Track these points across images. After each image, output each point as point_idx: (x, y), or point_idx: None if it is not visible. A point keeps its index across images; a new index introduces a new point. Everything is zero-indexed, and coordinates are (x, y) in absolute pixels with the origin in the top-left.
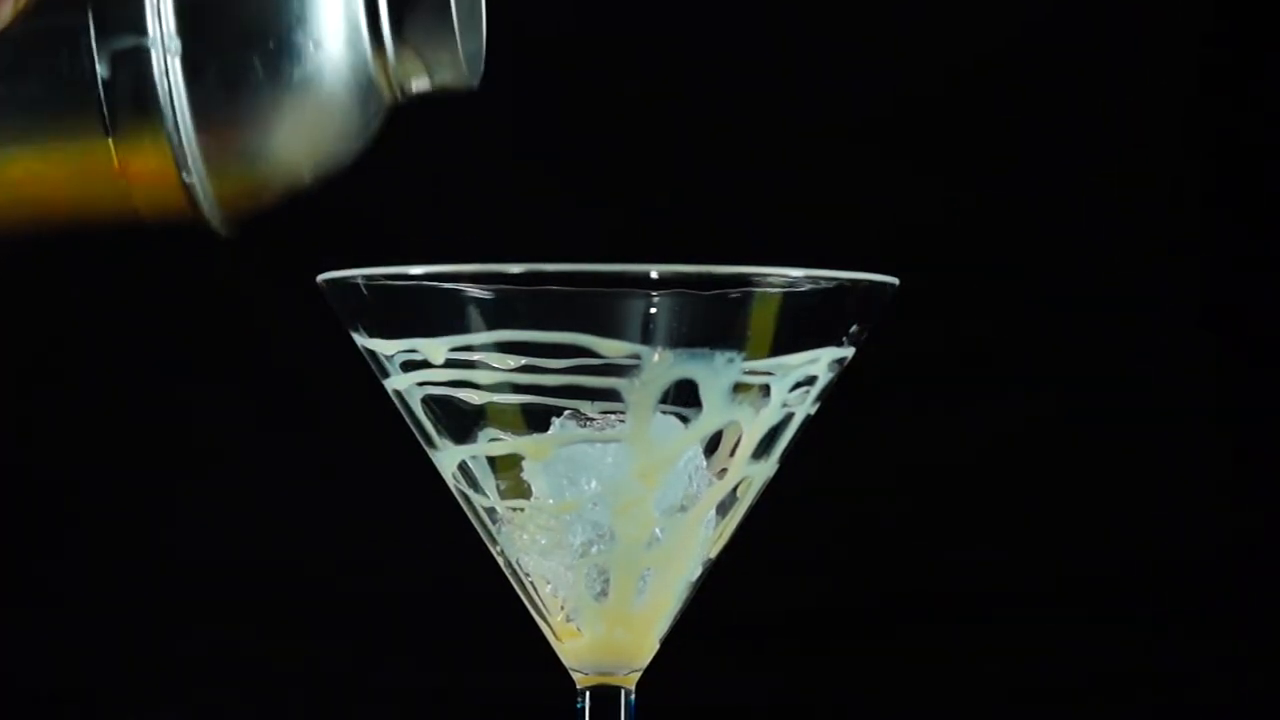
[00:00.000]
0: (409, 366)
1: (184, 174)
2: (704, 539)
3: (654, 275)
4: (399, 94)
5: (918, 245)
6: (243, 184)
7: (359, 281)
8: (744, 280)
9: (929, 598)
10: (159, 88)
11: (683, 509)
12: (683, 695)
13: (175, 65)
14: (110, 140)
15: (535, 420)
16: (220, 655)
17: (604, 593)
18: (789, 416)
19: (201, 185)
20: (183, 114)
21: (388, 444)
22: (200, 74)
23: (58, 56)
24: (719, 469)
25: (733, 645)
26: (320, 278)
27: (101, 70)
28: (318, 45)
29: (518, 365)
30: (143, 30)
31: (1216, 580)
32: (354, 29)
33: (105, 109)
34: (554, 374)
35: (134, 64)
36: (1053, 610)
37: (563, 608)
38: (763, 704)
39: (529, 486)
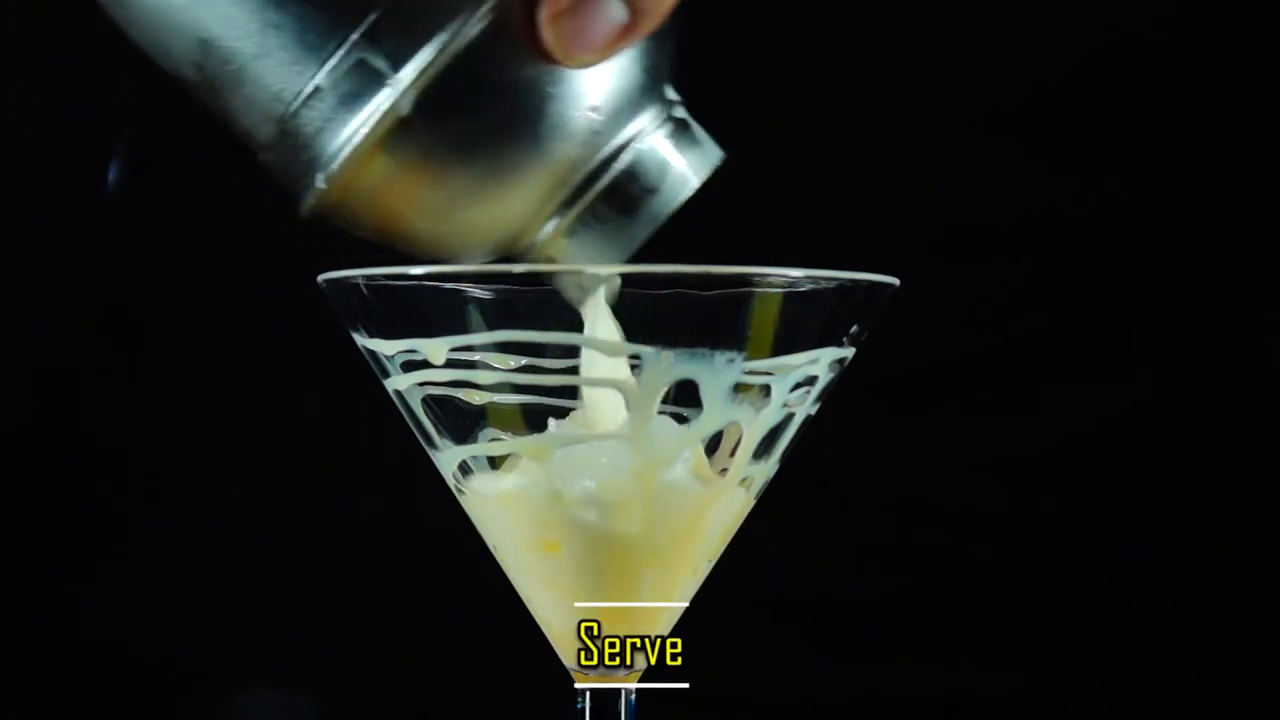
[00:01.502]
0: (409, 367)
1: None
2: (704, 539)
3: (654, 275)
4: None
5: (920, 245)
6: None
7: (359, 281)
8: (744, 280)
9: (970, 597)
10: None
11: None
12: (683, 694)
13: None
14: None
15: (535, 420)
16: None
17: (604, 593)
18: (789, 417)
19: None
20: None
21: (388, 444)
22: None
23: None
24: (719, 469)
25: (733, 644)
26: (320, 278)
27: None
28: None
29: (518, 365)
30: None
31: None
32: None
33: None
34: (554, 374)
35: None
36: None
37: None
38: (764, 704)
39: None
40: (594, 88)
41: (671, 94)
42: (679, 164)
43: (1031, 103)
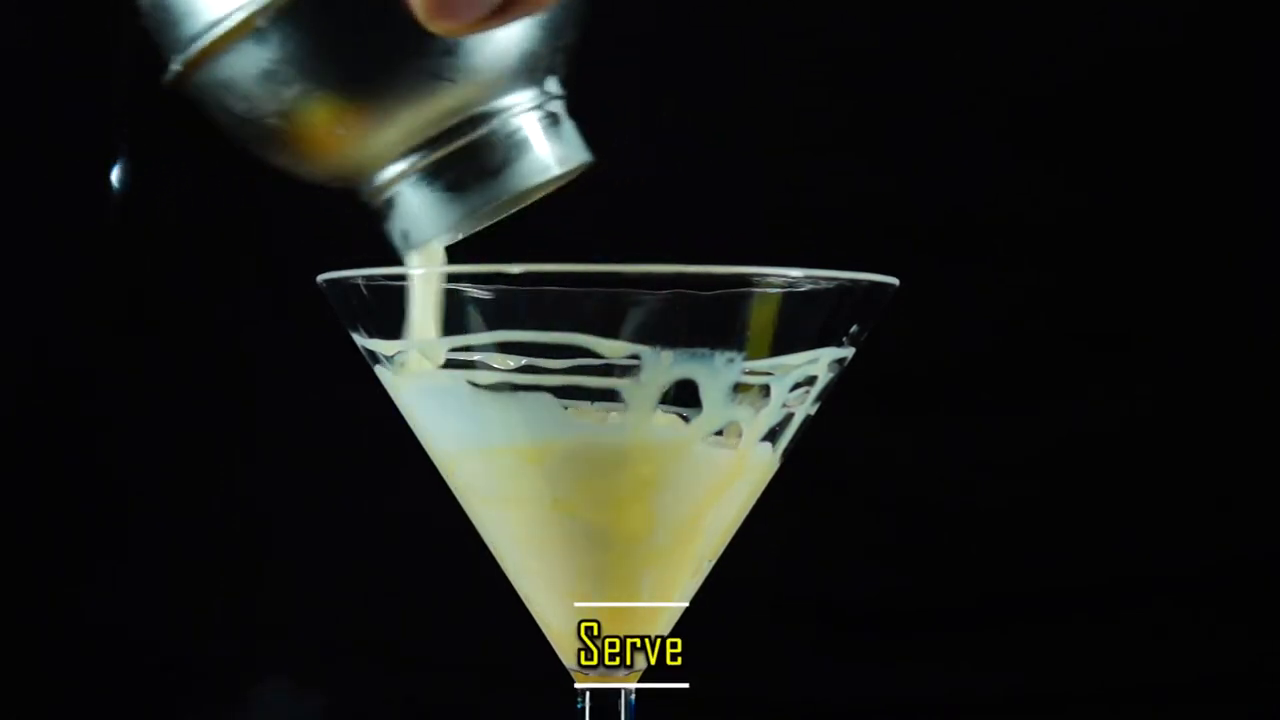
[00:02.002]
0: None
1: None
2: (704, 539)
3: (654, 275)
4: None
5: (919, 244)
6: None
7: (359, 282)
8: (744, 280)
9: (971, 597)
10: None
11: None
12: (683, 694)
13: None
14: None
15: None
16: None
17: (604, 593)
18: (789, 417)
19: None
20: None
21: (388, 444)
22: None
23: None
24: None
25: (733, 644)
26: (320, 278)
27: None
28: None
29: (518, 365)
30: None
31: None
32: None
33: None
34: (554, 374)
35: None
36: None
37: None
38: (764, 703)
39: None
40: (457, 55)
41: (553, 87)
42: (539, 151)
43: (1035, 103)
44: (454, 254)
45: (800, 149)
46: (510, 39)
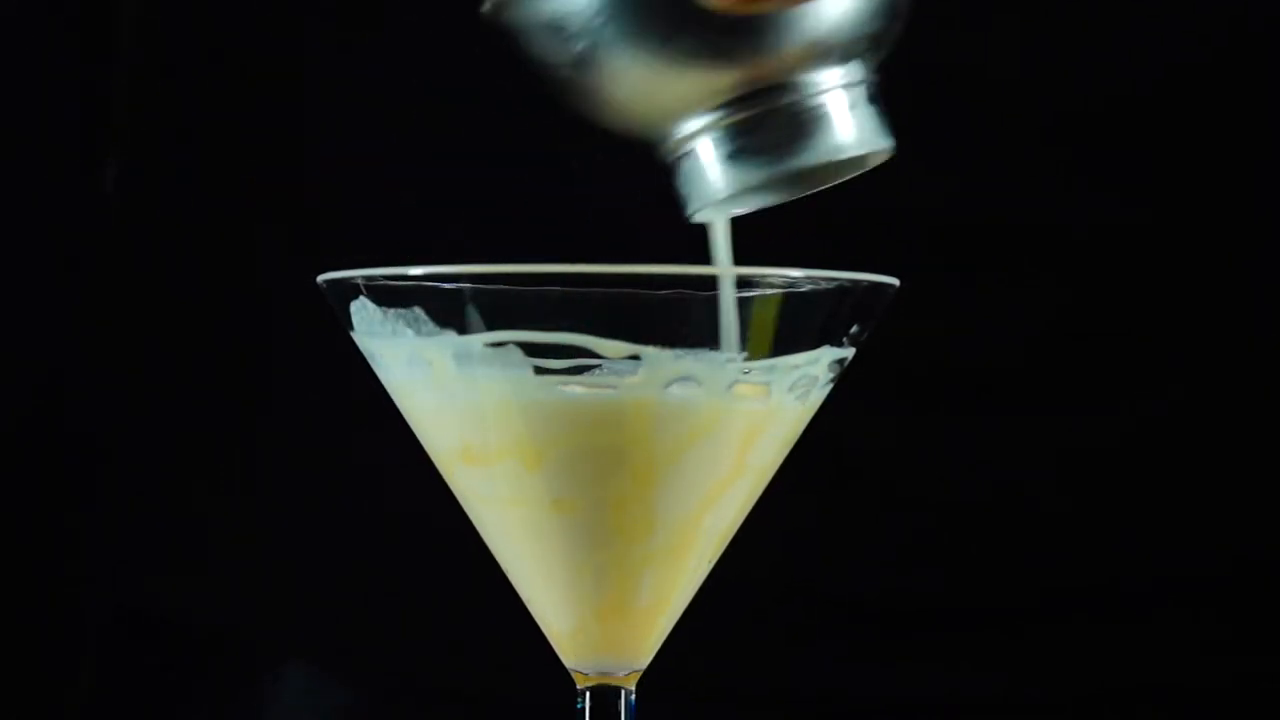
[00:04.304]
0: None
1: None
2: (705, 539)
3: (654, 275)
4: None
5: (919, 244)
6: None
7: (359, 282)
8: (744, 280)
9: (971, 597)
10: None
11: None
12: (683, 694)
13: None
14: None
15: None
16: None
17: (604, 593)
18: (789, 417)
19: None
20: None
21: (388, 444)
22: None
23: None
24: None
25: (734, 644)
26: (320, 278)
27: None
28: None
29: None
30: None
31: None
32: None
33: None
34: (555, 374)
35: None
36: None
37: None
38: (764, 703)
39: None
40: (740, 32)
41: (857, 71)
42: (834, 130)
43: (1056, 109)
44: (455, 253)
45: None
46: (803, 20)
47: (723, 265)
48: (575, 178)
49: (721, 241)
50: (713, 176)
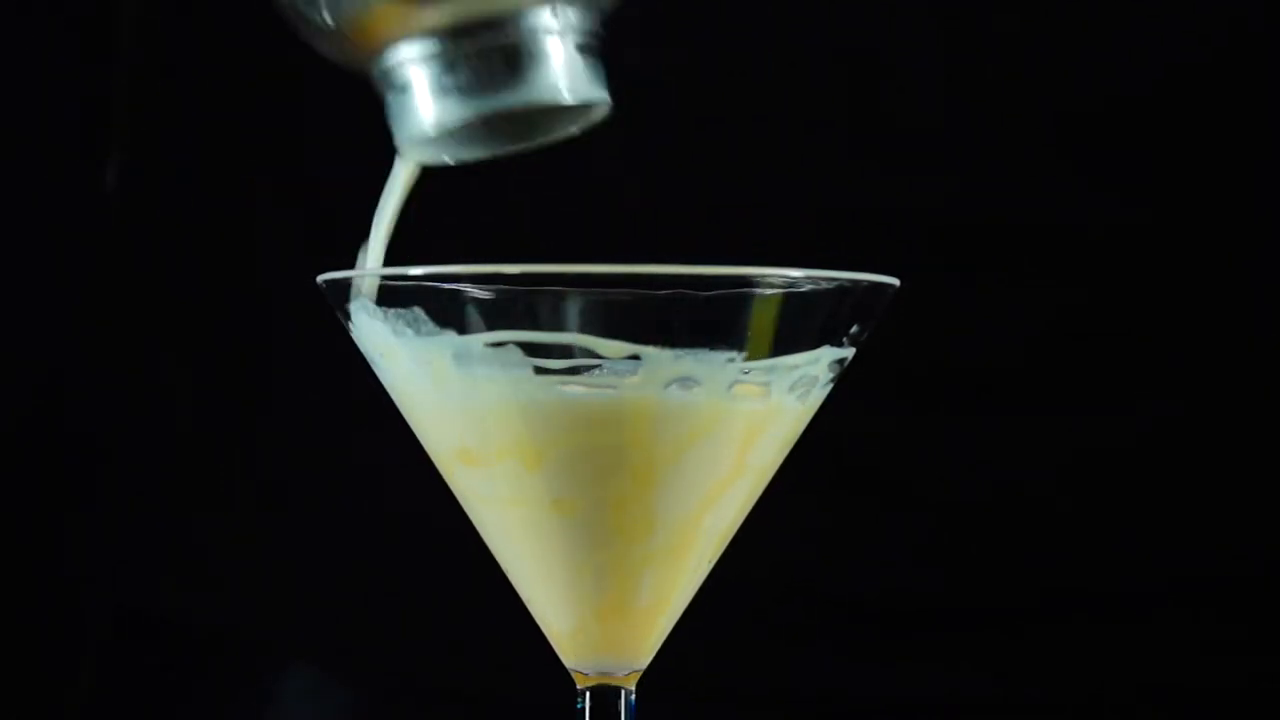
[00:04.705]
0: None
1: None
2: (705, 539)
3: (654, 275)
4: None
5: (919, 245)
6: None
7: (359, 281)
8: (744, 280)
9: (972, 597)
10: None
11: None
12: (683, 694)
13: None
14: None
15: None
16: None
17: (604, 593)
18: (789, 417)
19: None
20: None
21: (388, 444)
22: None
23: None
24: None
25: (734, 644)
26: (320, 278)
27: None
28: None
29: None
30: None
31: None
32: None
33: None
34: (555, 374)
35: None
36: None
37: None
38: (763, 704)
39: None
40: None
41: (576, 19)
42: (550, 73)
43: (1055, 111)
44: (455, 253)
45: (801, 148)
46: None
47: (389, 205)
48: (576, 177)
49: (400, 183)
50: (420, 110)
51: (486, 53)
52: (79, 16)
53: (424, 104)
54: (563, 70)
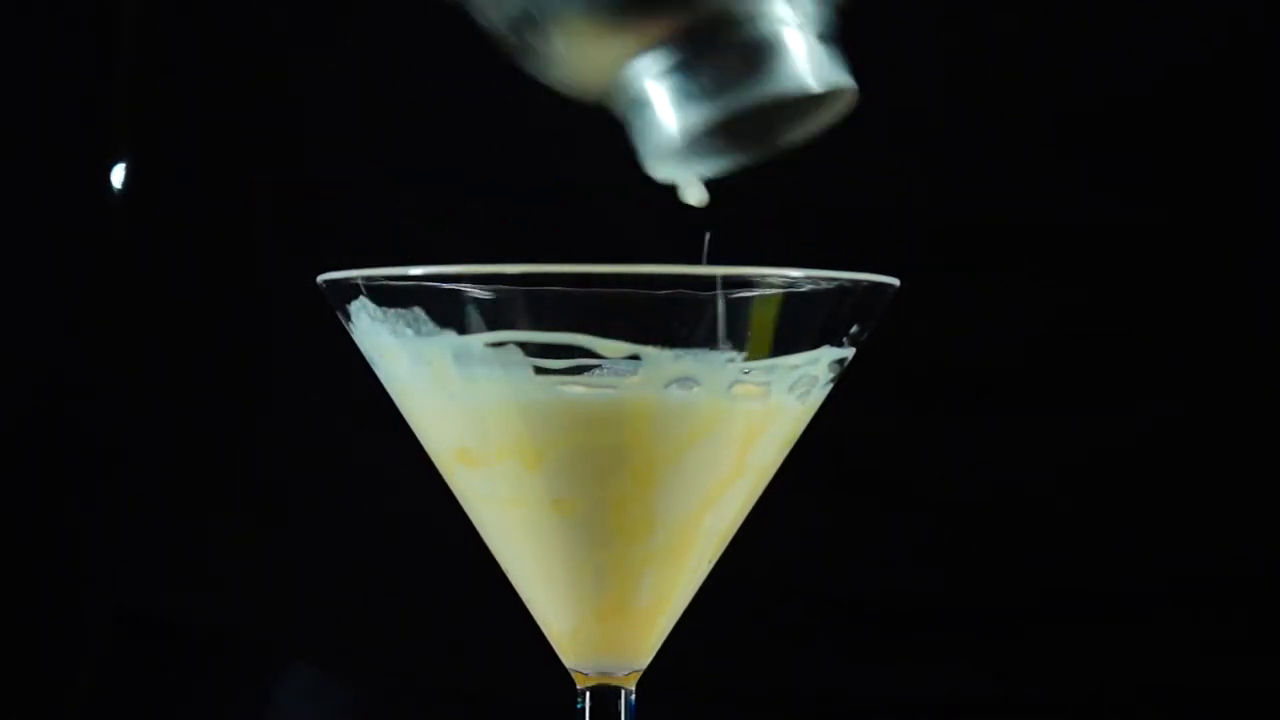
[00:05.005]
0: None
1: None
2: (705, 539)
3: (654, 275)
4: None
5: (919, 245)
6: None
7: (359, 282)
8: (744, 280)
9: (972, 598)
10: None
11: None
12: (683, 694)
13: None
14: None
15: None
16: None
17: (604, 593)
18: (789, 417)
19: None
20: None
21: (388, 444)
22: None
23: None
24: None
25: (734, 644)
26: (320, 278)
27: None
28: None
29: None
30: None
31: None
32: None
33: None
34: (556, 374)
35: None
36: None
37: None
38: (763, 704)
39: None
40: None
41: (810, 7)
42: (791, 62)
43: (1057, 110)
44: (455, 253)
45: (807, 150)
46: None
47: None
48: (575, 177)
49: (695, 200)
50: (664, 120)
51: (724, 52)
52: (79, 16)
53: (666, 114)
54: (805, 59)
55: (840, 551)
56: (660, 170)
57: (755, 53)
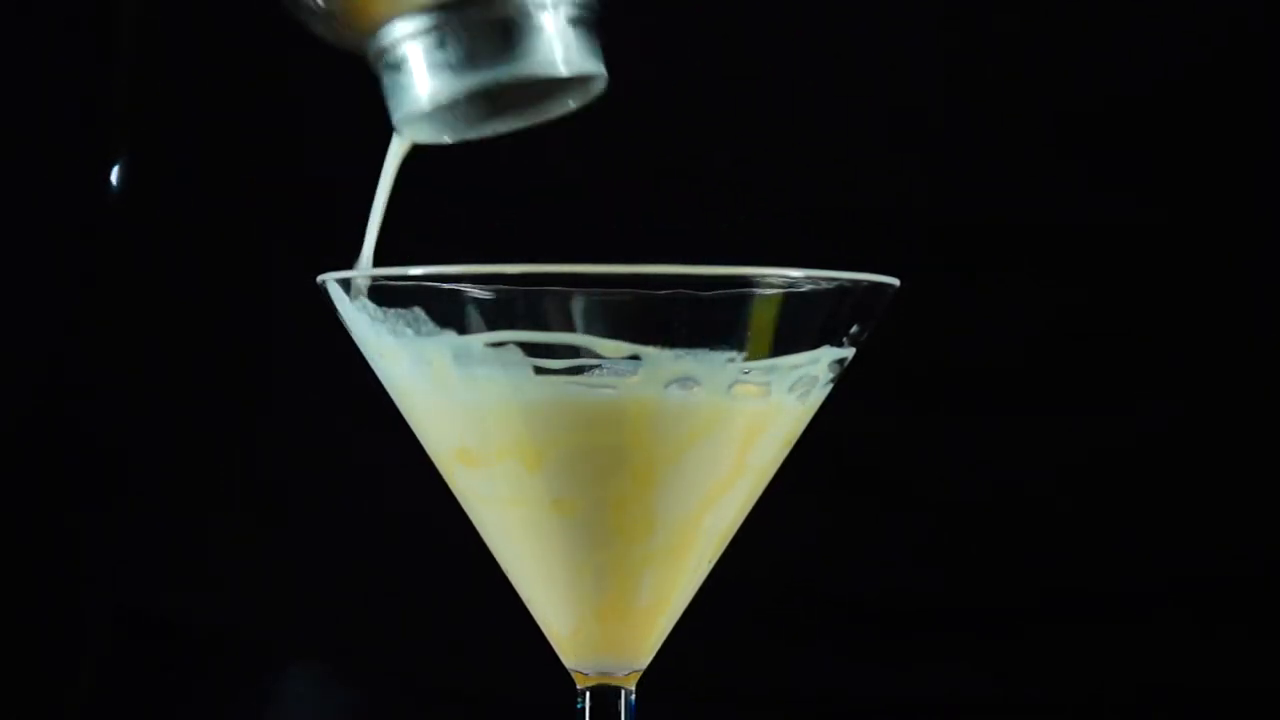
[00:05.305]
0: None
1: None
2: (705, 539)
3: (654, 275)
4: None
5: (918, 245)
6: None
7: (359, 281)
8: (744, 280)
9: (973, 598)
10: None
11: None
12: (683, 694)
13: None
14: None
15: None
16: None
17: (604, 593)
18: (789, 417)
19: None
20: None
21: (388, 444)
22: None
23: None
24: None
25: (734, 644)
26: (320, 278)
27: None
28: None
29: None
30: None
31: None
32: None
33: None
34: (556, 374)
35: None
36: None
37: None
38: (763, 704)
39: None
40: None
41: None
42: (544, 46)
43: (1059, 110)
44: (455, 253)
45: (800, 148)
46: None
47: (384, 184)
48: (575, 177)
49: (393, 158)
50: (415, 86)
51: (479, 27)
52: (79, 16)
53: (419, 80)
54: (556, 43)
55: (840, 551)
56: (406, 132)
57: (509, 32)
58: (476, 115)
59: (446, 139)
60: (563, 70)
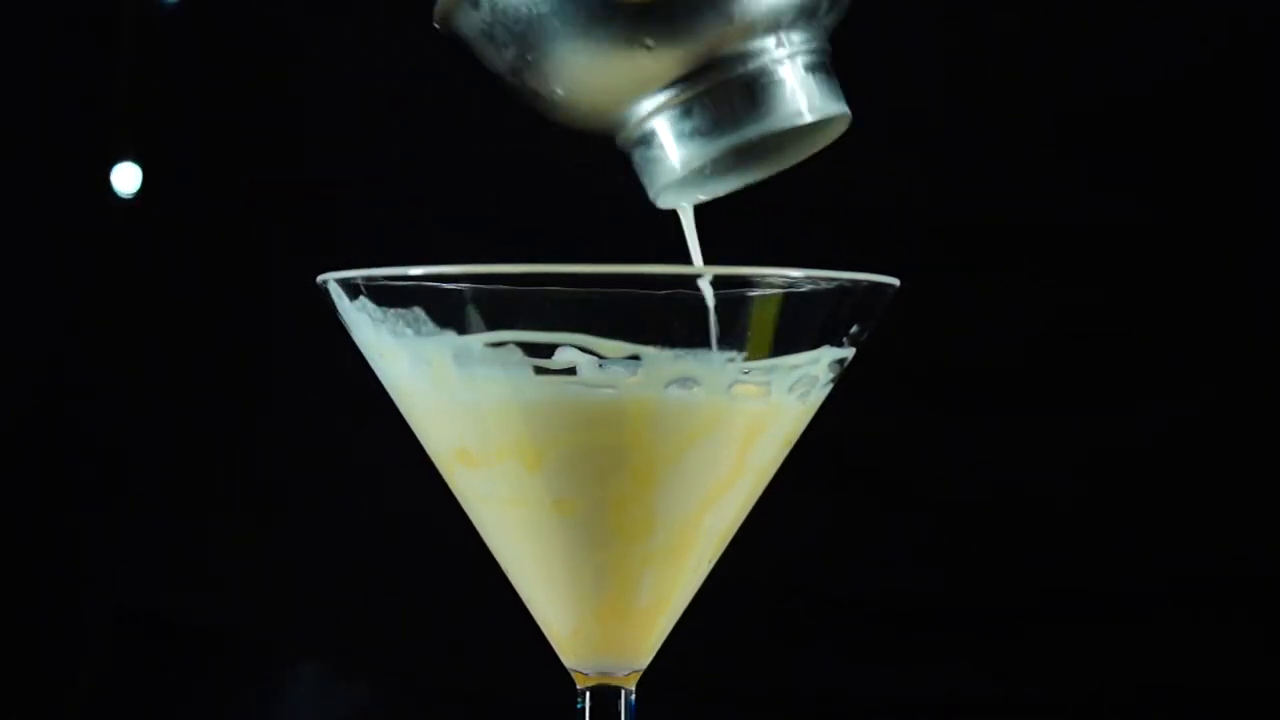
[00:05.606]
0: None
1: None
2: (705, 539)
3: (654, 275)
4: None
5: (918, 245)
6: None
7: (359, 282)
8: (744, 280)
9: (973, 598)
10: None
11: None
12: (683, 694)
13: None
14: None
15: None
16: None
17: (604, 593)
18: (789, 417)
19: None
20: None
21: (388, 444)
22: None
23: None
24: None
25: (734, 644)
26: (320, 278)
27: None
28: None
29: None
30: None
31: None
32: None
33: None
34: (556, 374)
35: None
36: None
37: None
38: (763, 704)
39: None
40: (654, 18)
41: (799, 39)
42: (784, 98)
43: (1060, 111)
44: (455, 253)
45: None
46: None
47: (694, 253)
48: (575, 177)
49: (689, 231)
50: (667, 157)
51: (723, 91)
52: (79, 16)
53: (670, 150)
54: (799, 93)
55: (840, 551)
56: (663, 202)
57: (750, 91)
58: (727, 169)
59: (702, 198)
60: (808, 118)
